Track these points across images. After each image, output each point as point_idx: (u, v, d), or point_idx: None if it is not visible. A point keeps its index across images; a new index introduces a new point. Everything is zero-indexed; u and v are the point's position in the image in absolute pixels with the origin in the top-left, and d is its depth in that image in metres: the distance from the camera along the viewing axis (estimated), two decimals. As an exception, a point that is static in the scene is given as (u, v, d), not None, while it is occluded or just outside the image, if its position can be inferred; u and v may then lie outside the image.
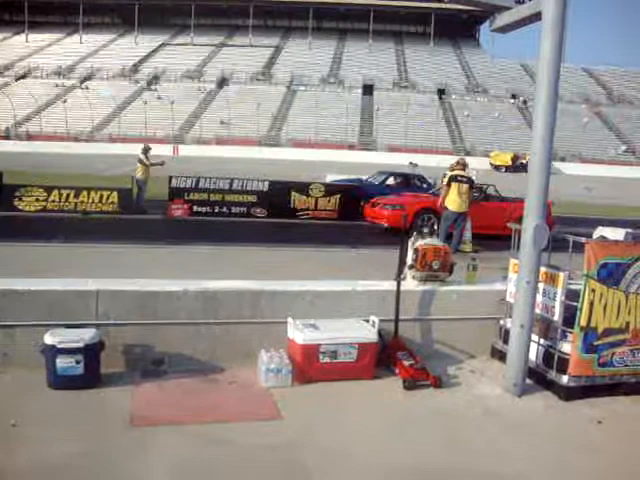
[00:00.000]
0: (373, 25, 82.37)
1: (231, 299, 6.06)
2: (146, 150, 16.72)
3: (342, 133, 59.47)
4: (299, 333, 5.69)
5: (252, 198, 16.49)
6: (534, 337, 5.85)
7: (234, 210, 16.40)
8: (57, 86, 69.66)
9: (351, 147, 58.31)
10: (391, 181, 18.57)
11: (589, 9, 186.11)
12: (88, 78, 73.13)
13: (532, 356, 5.87)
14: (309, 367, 5.69)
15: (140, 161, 16.33)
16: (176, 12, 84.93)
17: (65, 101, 63.17)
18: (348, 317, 6.13)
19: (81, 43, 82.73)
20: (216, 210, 16.33)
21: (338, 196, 16.96)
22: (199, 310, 5.95)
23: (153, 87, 70.77)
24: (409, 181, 18.51)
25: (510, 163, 51.49)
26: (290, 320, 5.85)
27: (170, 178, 16.30)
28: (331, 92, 70.59)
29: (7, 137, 59.06)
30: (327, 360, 5.73)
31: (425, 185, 18.27)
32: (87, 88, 68.99)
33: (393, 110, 63.69)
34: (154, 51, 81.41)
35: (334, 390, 5.62)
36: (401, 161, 38.59)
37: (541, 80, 5.44)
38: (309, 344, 5.66)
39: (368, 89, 71.54)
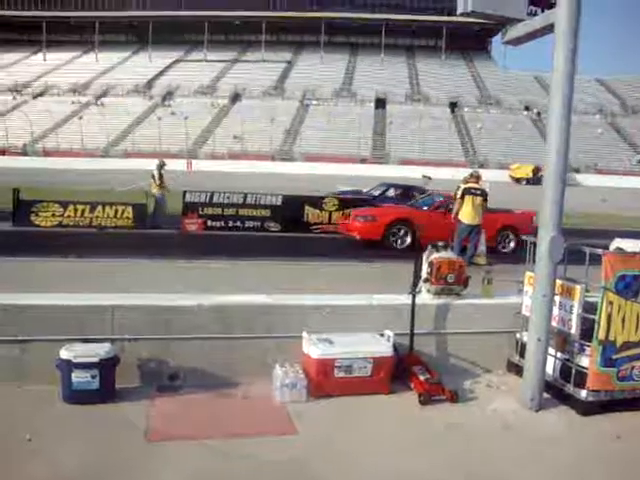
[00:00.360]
0: (385, 39, 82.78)
1: (245, 313, 6.06)
2: (161, 166, 16.81)
3: (355, 147, 59.61)
4: (314, 348, 5.67)
5: (266, 212, 16.53)
6: (551, 351, 5.79)
7: (248, 224, 16.43)
8: (73, 103, 70.48)
9: (364, 160, 58.37)
10: (391, 193, 18.56)
11: (601, 19, 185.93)
12: (103, 95, 73.99)
13: (549, 370, 5.80)
14: (324, 382, 5.66)
15: (153, 177, 16.44)
16: (190, 29, 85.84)
17: (81, 117, 63.92)
18: (363, 331, 6.10)
19: (97, 61, 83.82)
20: (230, 225, 16.38)
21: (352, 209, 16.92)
22: (214, 325, 5.94)
23: (167, 103, 71.46)
24: (409, 193, 18.38)
25: (531, 175, 51.22)
26: (305, 335, 5.83)
27: (184, 193, 16.38)
28: (344, 106, 70.86)
29: (24, 154, 59.80)
30: (342, 375, 5.70)
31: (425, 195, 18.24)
32: (102, 104, 69.78)
33: (406, 123, 63.82)
34: (168, 67, 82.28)
35: (349, 405, 5.59)
36: (414, 174, 38.45)
37: (555, 92, 5.42)
38: (324, 359, 5.63)
39: (381, 103, 71.76)
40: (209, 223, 16.21)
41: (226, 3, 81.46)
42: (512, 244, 14.01)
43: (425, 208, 14.10)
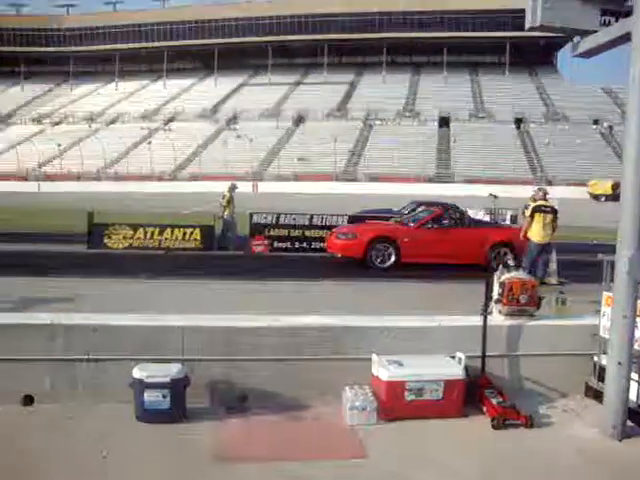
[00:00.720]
0: (447, 57, 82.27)
1: (314, 335, 6.04)
2: (233, 188, 17.11)
3: (419, 166, 59.20)
4: (384, 370, 5.59)
5: (332, 234, 16.50)
6: (634, 375, 5.50)
7: (314, 245, 16.45)
8: (142, 129, 72.94)
9: (429, 180, 57.92)
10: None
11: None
12: (171, 120, 76.30)
13: (632, 396, 5.51)
14: (394, 404, 5.57)
15: (223, 198, 16.71)
16: (253, 54, 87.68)
17: (150, 143, 66.01)
18: (433, 353, 5.98)
19: (165, 88, 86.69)
20: (296, 246, 16.44)
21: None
22: (283, 346, 5.95)
23: (232, 126, 72.96)
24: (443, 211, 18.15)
25: (610, 192, 49.50)
26: (374, 357, 5.76)
27: (251, 215, 16.58)
28: (407, 125, 70.59)
29: (97, 179, 62.26)
30: (413, 397, 5.59)
31: (458, 214, 18.12)
32: (170, 130, 71.92)
33: (470, 141, 63.00)
34: (233, 92, 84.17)
35: (420, 428, 5.47)
36: (479, 192, 37.78)
37: (632, 104, 5.21)
38: (394, 381, 5.54)
39: (444, 121, 71.17)
40: (275, 244, 16.32)
41: (288, 28, 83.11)
42: (509, 261, 13.56)
43: (412, 224, 13.54)
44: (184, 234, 16.22)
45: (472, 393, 5.81)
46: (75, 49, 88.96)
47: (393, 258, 12.68)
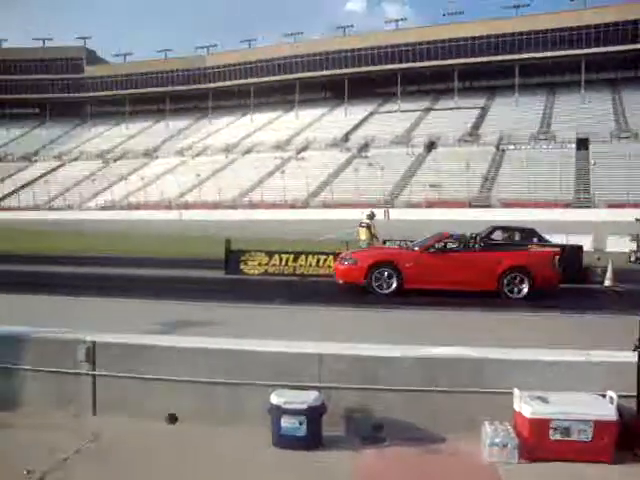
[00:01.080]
0: (585, 75, 78.53)
1: (451, 366, 5.88)
2: (371, 216, 17.35)
3: (556, 191, 56.58)
4: (526, 406, 5.30)
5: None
6: None
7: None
8: (275, 158, 75.61)
9: (566, 205, 55.23)
10: (497, 235, 17.58)
11: None
12: (303, 150, 78.52)
13: None
14: (538, 444, 5.26)
15: (361, 226, 16.90)
16: (383, 82, 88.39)
17: (283, 172, 68.25)
18: (580, 390, 5.60)
19: (297, 118, 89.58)
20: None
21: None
22: (419, 376, 5.83)
23: (363, 154, 73.80)
24: (521, 235, 17.37)
25: None
26: (516, 391, 5.49)
27: (384, 242, 16.63)
28: (542, 149, 67.91)
29: (233, 207, 65.20)
30: (558, 437, 5.25)
31: (535, 239, 17.18)
32: (302, 159, 74.03)
33: (612, 163, 59.39)
34: (363, 120, 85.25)
35: (566, 472, 5.13)
36: (623, 217, 35.51)
37: None
38: (538, 418, 5.24)
39: (582, 143, 67.71)
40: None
41: (416, 55, 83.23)
42: (525, 288, 12.44)
43: (416, 249, 13.24)
44: (318, 261, 16.52)
45: (627, 437, 5.35)
46: (214, 85, 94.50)
47: (395, 284, 12.48)
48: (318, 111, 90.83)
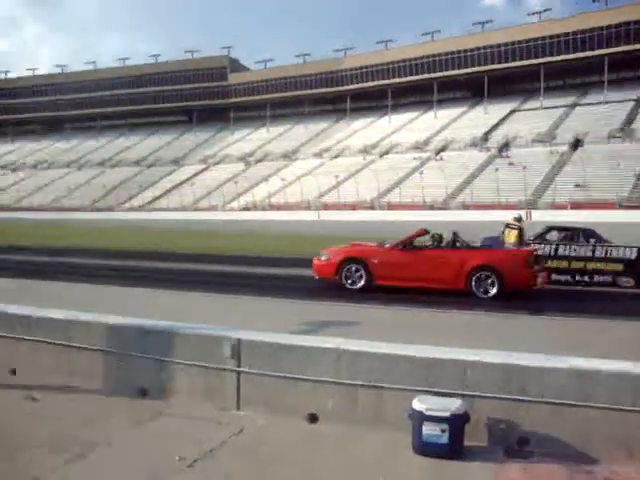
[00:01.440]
0: None
1: (609, 381, 5.43)
2: (519, 219, 16.88)
3: None
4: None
5: (618, 266, 15.03)
6: None
7: (596, 279, 15.15)
8: (414, 159, 75.01)
9: None
10: (553, 236, 16.53)
11: None
12: (442, 150, 77.23)
13: None
14: None
15: (508, 227, 16.43)
16: (524, 78, 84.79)
17: (421, 172, 67.57)
18: None
19: (435, 118, 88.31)
20: (577, 279, 15.29)
21: None
22: (571, 390, 5.47)
23: (504, 154, 71.36)
24: (579, 236, 16.30)
25: None
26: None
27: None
28: None
29: (371, 207, 65.61)
30: None
31: (593, 240, 15.86)
32: (441, 159, 72.92)
33: None
34: (503, 119, 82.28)
35: None
36: None
37: None
38: None
39: None
40: (554, 277, 15.35)
41: (562, 47, 78.72)
42: (494, 289, 11.76)
43: (387, 246, 13.25)
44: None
45: None
46: (351, 87, 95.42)
47: (363, 280, 12.68)
48: (457, 110, 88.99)
